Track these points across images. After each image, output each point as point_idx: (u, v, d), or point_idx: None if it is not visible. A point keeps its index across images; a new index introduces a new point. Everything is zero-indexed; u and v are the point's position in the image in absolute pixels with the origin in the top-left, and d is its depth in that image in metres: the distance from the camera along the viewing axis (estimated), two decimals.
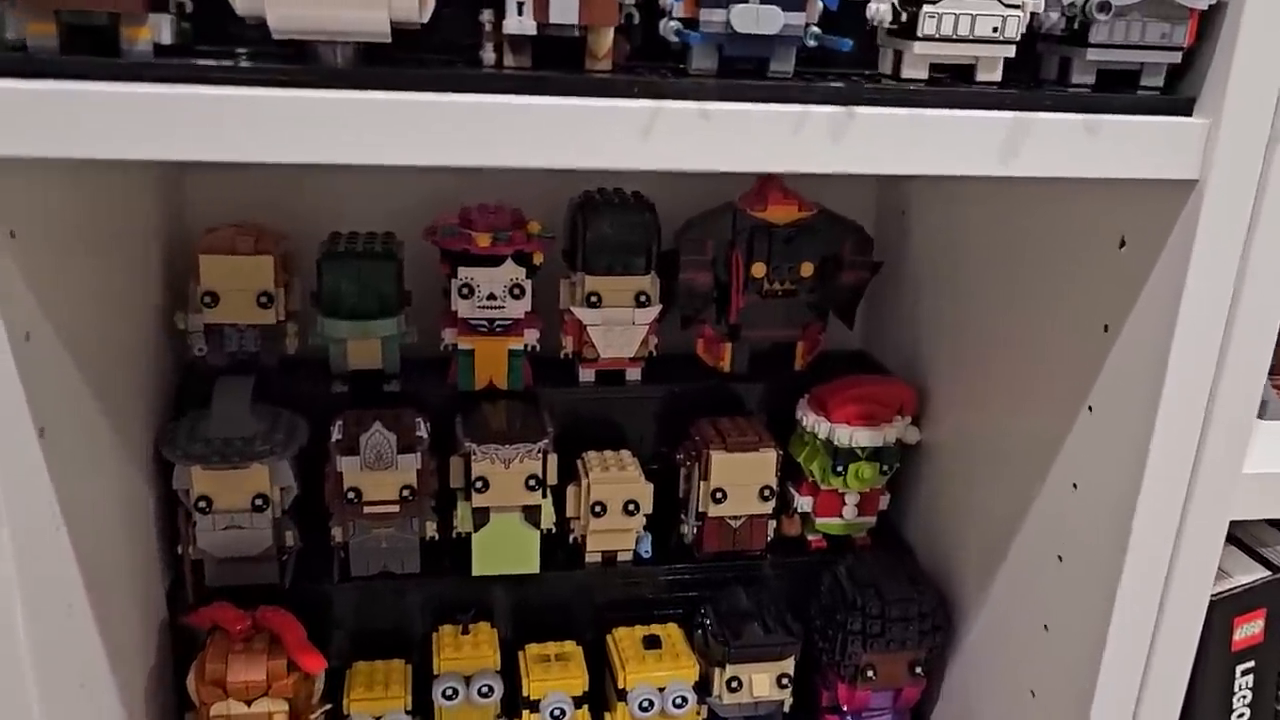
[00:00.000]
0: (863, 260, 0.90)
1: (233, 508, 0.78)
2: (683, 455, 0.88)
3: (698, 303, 0.89)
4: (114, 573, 0.69)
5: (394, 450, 0.78)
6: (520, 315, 0.84)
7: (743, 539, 0.87)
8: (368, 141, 0.50)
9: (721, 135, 0.52)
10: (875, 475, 0.87)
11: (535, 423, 0.83)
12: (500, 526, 0.82)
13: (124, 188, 0.74)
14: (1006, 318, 0.77)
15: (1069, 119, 0.55)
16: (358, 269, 0.80)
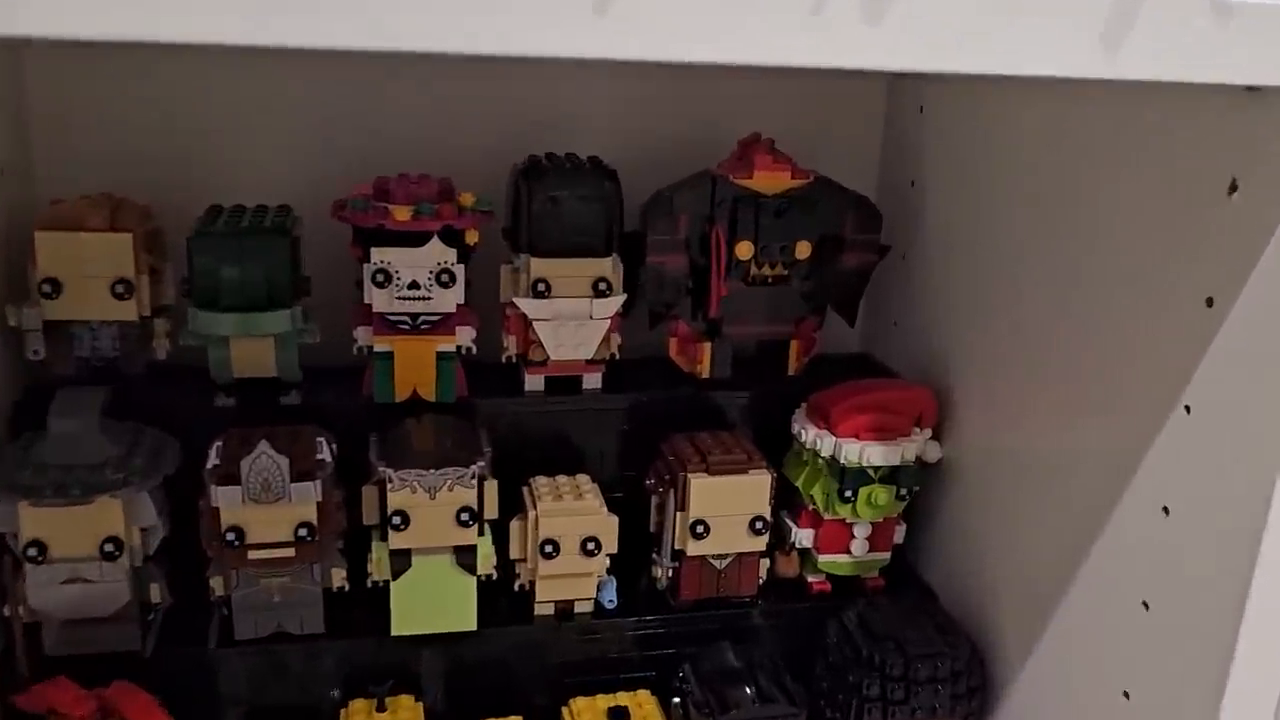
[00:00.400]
0: (868, 239, 0.75)
1: (76, 555, 0.61)
2: (654, 480, 0.72)
3: (669, 293, 0.74)
4: None
5: (286, 478, 0.61)
6: (451, 309, 0.69)
7: (729, 583, 0.71)
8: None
9: (708, 8, 0.36)
10: (891, 501, 0.71)
11: (470, 442, 0.68)
12: (426, 573, 0.66)
13: None
14: (1061, 296, 0.61)
15: None
16: (239, 248, 0.63)
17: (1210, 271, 0.50)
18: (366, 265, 0.67)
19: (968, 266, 0.72)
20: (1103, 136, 0.58)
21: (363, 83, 0.75)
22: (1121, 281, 0.56)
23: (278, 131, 0.75)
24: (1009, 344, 0.67)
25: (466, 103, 0.77)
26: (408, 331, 0.69)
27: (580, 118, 0.79)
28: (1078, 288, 0.60)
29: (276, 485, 0.61)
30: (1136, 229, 0.55)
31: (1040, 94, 0.63)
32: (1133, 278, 0.55)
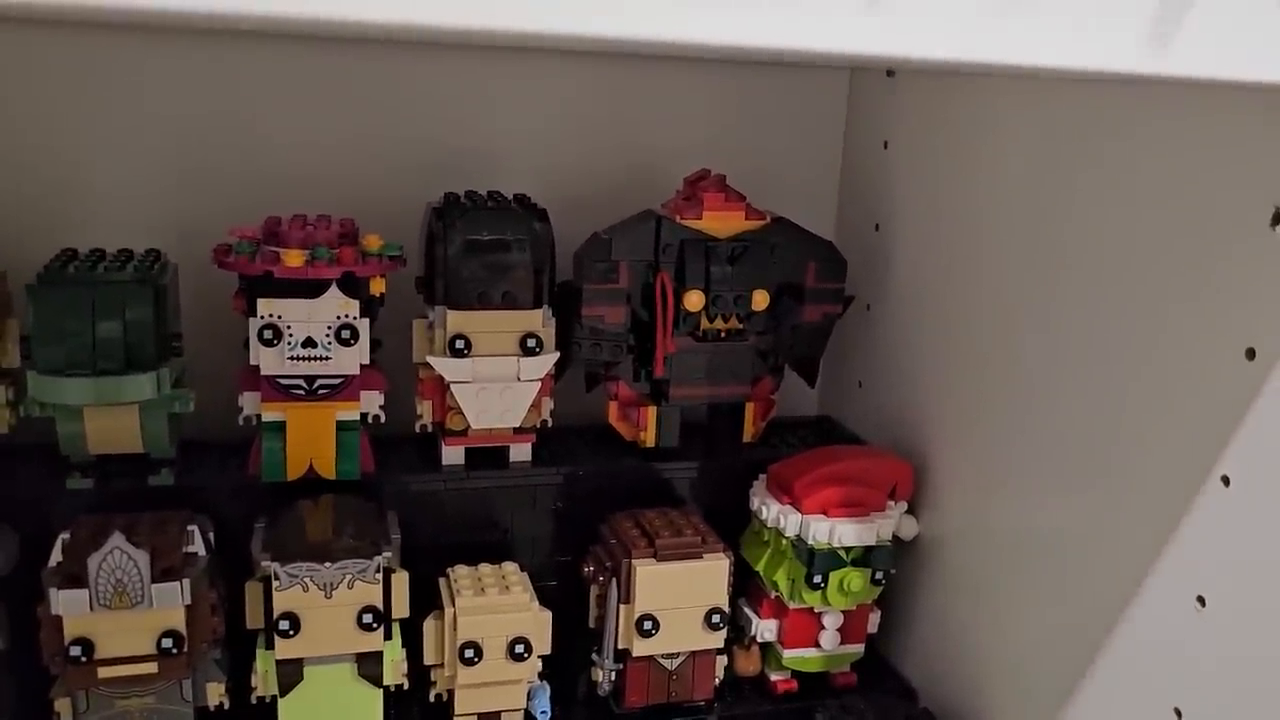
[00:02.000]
0: (832, 289, 0.66)
1: None
2: (593, 568, 0.62)
3: (608, 350, 0.65)
4: None
5: (145, 577, 0.51)
6: (353, 370, 0.60)
7: (682, 686, 0.62)
8: None
9: None
10: (865, 587, 0.62)
11: (375, 528, 0.58)
12: (322, 686, 0.57)
13: None
14: (1060, 351, 0.53)
15: None
16: (90, 299, 0.52)
17: (1251, 318, 0.43)
18: (253, 320, 0.57)
19: (943, 319, 0.64)
20: (1112, 164, 0.50)
21: (251, 104, 0.65)
22: (1138, 332, 0.48)
23: (147, 162, 0.64)
24: (995, 406, 0.59)
25: (373, 132, 0.67)
26: (303, 397, 0.59)
27: (504, 151, 0.70)
28: (1082, 340, 0.52)
29: (134, 587, 0.50)
30: (1158, 271, 0.47)
31: (1028, 120, 0.56)
32: (1152, 327, 0.48)
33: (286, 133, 0.66)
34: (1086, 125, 0.52)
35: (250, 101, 0.65)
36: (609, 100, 0.71)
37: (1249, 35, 0.32)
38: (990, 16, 0.30)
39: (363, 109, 0.67)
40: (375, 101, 0.67)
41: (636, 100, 0.71)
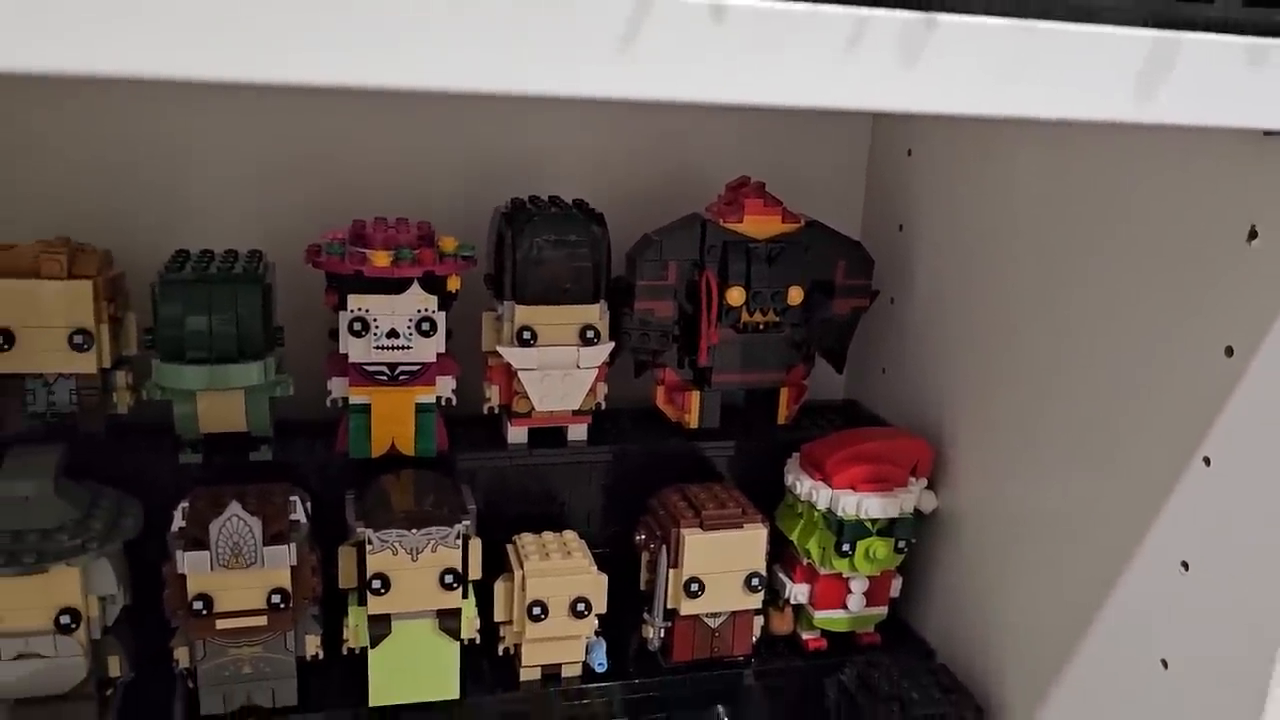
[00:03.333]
0: (860, 285, 0.73)
1: (29, 629, 0.57)
2: (644, 536, 0.69)
3: (656, 340, 0.71)
4: None
5: (258, 541, 0.58)
6: (430, 358, 0.67)
7: (723, 642, 0.69)
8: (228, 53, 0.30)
9: (735, 48, 0.34)
10: (889, 555, 0.69)
11: (452, 499, 0.65)
12: (407, 638, 0.63)
13: None
14: (1064, 344, 0.60)
15: (1219, 42, 0.38)
16: (208, 297, 0.60)
17: (1229, 320, 0.49)
18: (343, 313, 0.64)
19: (960, 312, 0.71)
20: (1110, 182, 0.56)
21: (337, 121, 0.72)
22: (1132, 329, 0.55)
23: (248, 172, 0.71)
24: (1006, 391, 0.66)
25: (445, 143, 0.74)
26: (385, 382, 0.65)
27: (562, 159, 0.76)
28: (1084, 335, 0.58)
29: (248, 550, 0.58)
30: (1149, 276, 0.54)
31: (1039, 137, 0.62)
32: (1145, 326, 0.54)
33: (369, 143, 0.73)
34: (1091, 150, 0.58)
35: (335, 117, 0.72)
36: (654, 113, 0.77)
37: (1219, 88, 0.39)
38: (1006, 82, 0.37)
39: (437, 122, 0.74)
40: (448, 115, 0.74)
41: (679, 112, 0.77)
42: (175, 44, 0.28)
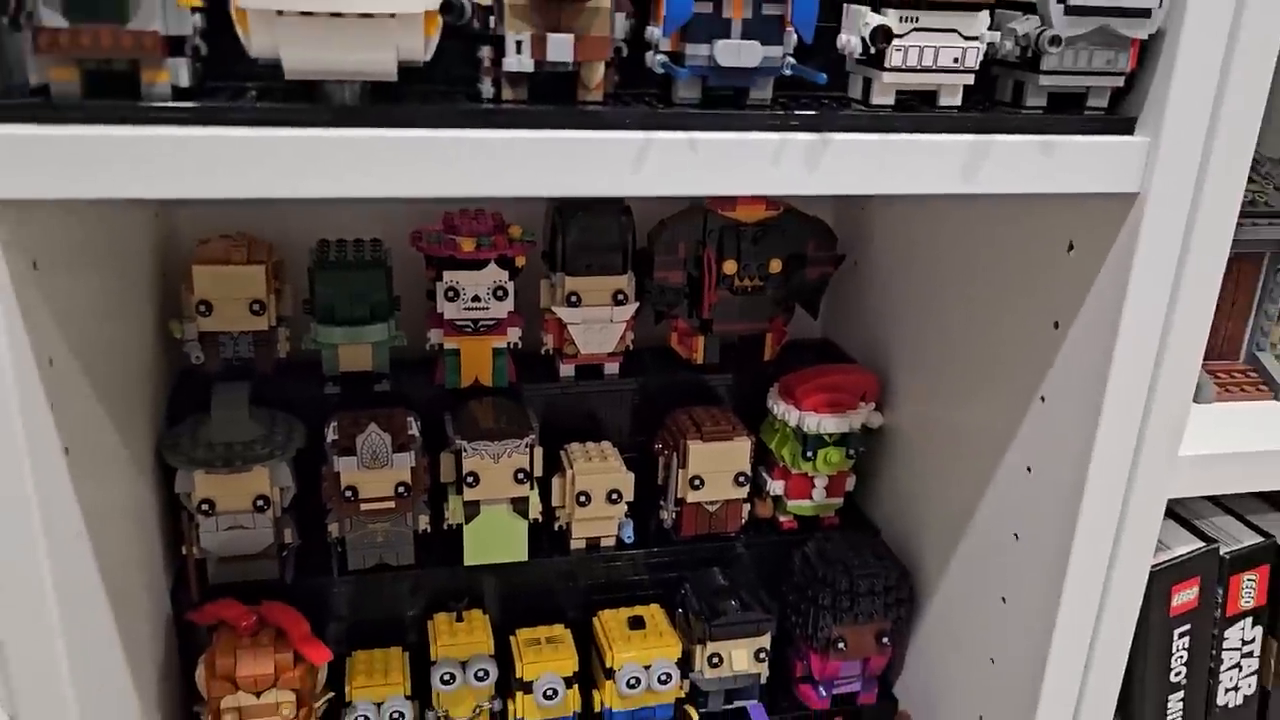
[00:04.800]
0: (827, 255, 0.94)
1: (235, 509, 0.81)
2: (660, 445, 0.92)
3: (671, 299, 0.93)
4: (125, 574, 0.72)
5: (389, 450, 0.82)
6: (503, 315, 0.87)
7: (719, 522, 0.92)
8: (376, 176, 0.53)
9: (707, 163, 0.56)
10: (842, 459, 0.92)
11: (521, 418, 0.87)
12: (490, 518, 0.86)
13: (124, 206, 0.76)
14: (963, 312, 0.82)
15: (1024, 140, 0.60)
16: (350, 278, 0.83)
17: (1057, 303, 0.71)
18: (439, 284, 0.86)
19: (902, 277, 0.93)
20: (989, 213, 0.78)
21: None
22: (999, 307, 0.77)
23: None
24: (932, 341, 0.88)
25: None
26: (470, 333, 0.88)
27: None
28: (972, 307, 0.81)
29: (383, 455, 0.82)
30: (1009, 271, 0.76)
31: None
32: (1006, 305, 0.76)
33: None
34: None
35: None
36: None
37: (1018, 168, 0.60)
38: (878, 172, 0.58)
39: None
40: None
41: None
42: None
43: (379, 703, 0.84)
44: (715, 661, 0.88)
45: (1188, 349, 0.67)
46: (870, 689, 0.94)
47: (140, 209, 0.81)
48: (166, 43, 0.51)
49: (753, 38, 0.56)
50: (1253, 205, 0.78)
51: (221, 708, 0.79)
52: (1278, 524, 0.82)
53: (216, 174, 0.51)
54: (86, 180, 0.50)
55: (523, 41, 0.54)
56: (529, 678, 0.86)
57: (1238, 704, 0.83)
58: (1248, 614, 0.80)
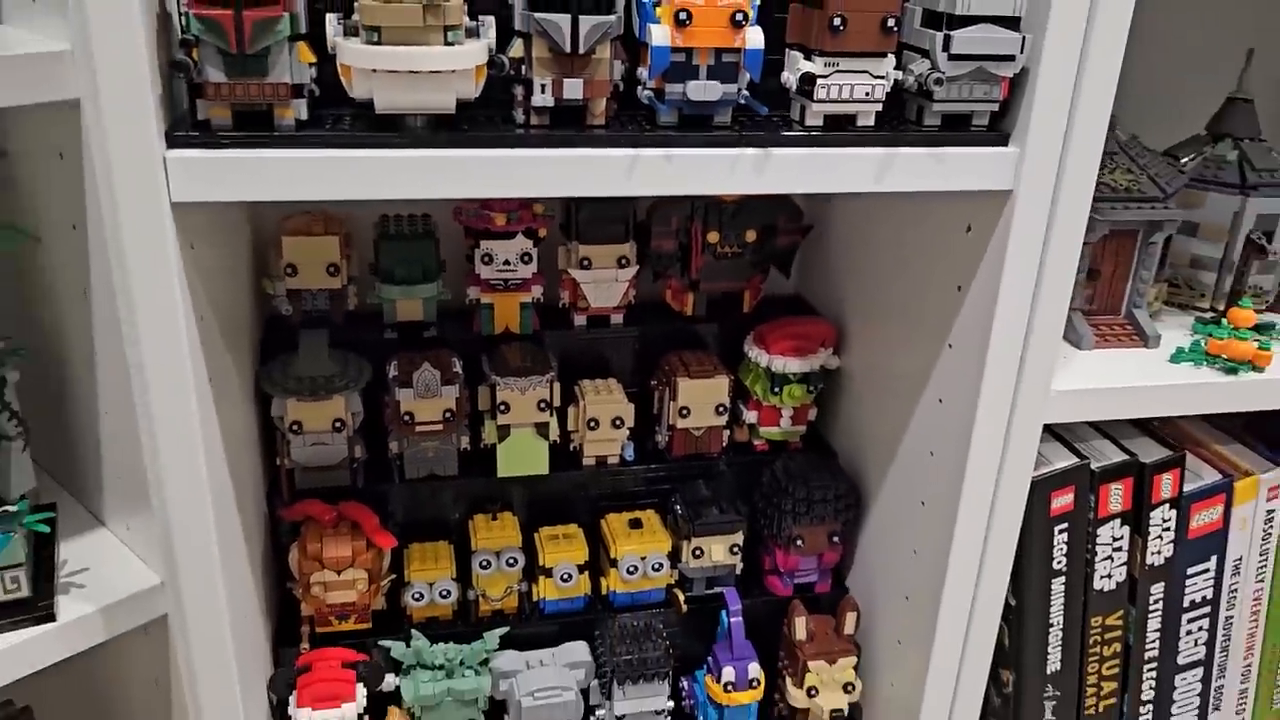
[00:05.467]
0: (795, 226, 1.14)
1: (317, 430, 1.02)
2: (656, 382, 1.14)
3: (666, 263, 1.13)
4: (242, 478, 0.94)
5: (439, 383, 1.03)
6: (528, 276, 1.05)
7: (703, 444, 1.13)
8: (440, 183, 0.74)
9: (680, 171, 0.76)
10: (804, 394, 1.13)
11: (542, 359, 1.08)
12: (518, 438, 1.05)
13: None
14: (895, 277, 1.03)
15: (921, 151, 0.80)
16: (406, 246, 1.04)
17: (960, 271, 0.91)
18: (476, 250, 1.06)
19: (854, 247, 1.13)
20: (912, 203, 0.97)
21: None
22: (920, 273, 0.97)
23: None
24: (874, 299, 1.09)
25: None
26: (502, 290, 1.07)
27: None
28: (902, 274, 1.01)
29: (434, 387, 1.03)
30: (927, 247, 0.96)
31: None
32: (926, 272, 0.96)
33: None
34: None
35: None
36: None
37: (917, 172, 0.80)
38: (811, 173, 0.78)
39: None
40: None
41: None
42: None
43: (431, 583, 1.07)
44: (698, 554, 1.10)
45: (1054, 305, 0.87)
46: (825, 580, 1.16)
47: None
48: (292, 89, 0.72)
49: (715, 79, 0.76)
50: (1128, 192, 0.98)
51: (310, 582, 1.02)
52: (1143, 446, 1.03)
53: (326, 182, 0.72)
54: (238, 188, 0.71)
55: (546, 84, 0.74)
56: (549, 564, 1.08)
57: (1111, 589, 1.04)
58: (1116, 516, 1.01)
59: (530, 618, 1.10)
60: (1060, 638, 1.04)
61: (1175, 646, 1.09)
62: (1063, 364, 0.95)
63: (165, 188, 0.70)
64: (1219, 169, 1.05)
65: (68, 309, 0.87)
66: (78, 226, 0.80)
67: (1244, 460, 1.07)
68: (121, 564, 0.91)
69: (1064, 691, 1.06)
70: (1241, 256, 1.04)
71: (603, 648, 1.08)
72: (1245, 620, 1.12)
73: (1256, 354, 0.95)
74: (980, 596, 0.98)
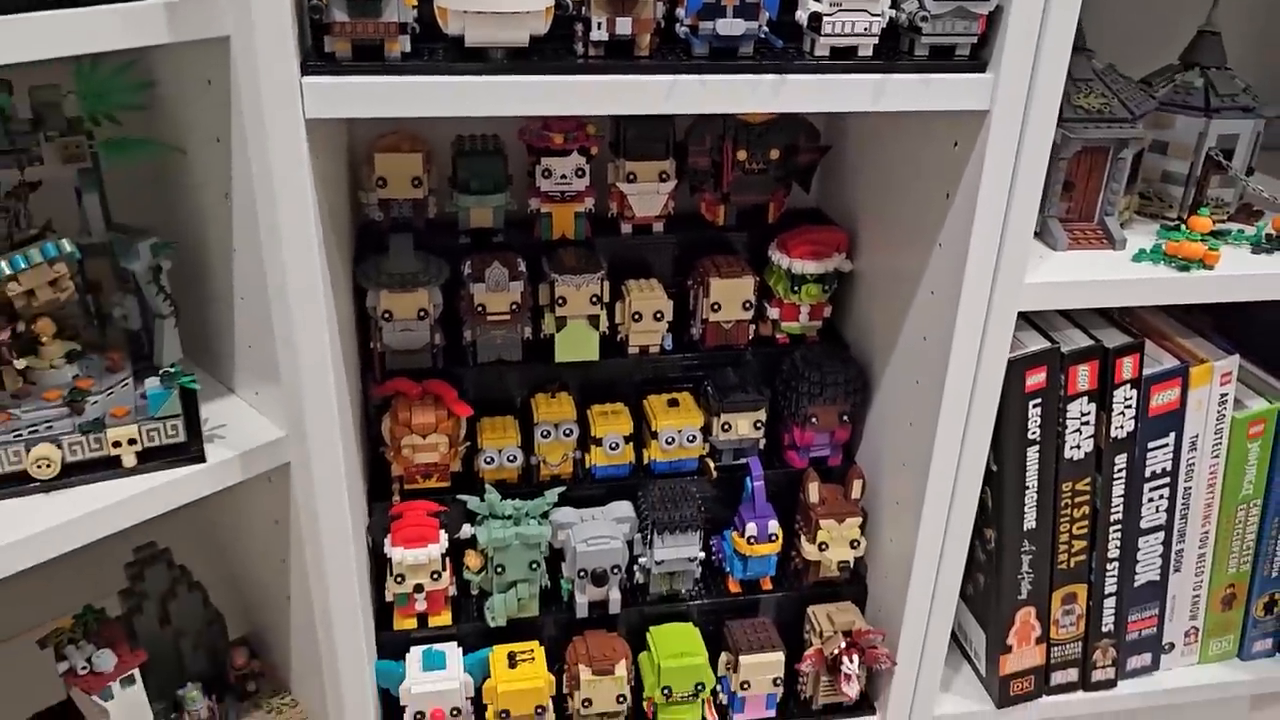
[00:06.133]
0: (813, 146, 1.31)
1: (406, 318, 1.21)
2: (691, 281, 1.31)
3: (701, 178, 1.29)
4: (348, 356, 1.14)
5: (507, 279, 1.21)
6: (582, 188, 1.19)
7: (732, 336, 1.30)
8: (518, 103, 0.91)
9: (711, 93, 0.93)
10: (820, 293, 1.30)
11: (594, 261, 1.26)
12: (574, 329, 1.21)
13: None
14: (896, 188, 1.19)
15: (912, 77, 0.96)
16: (478, 162, 1.22)
17: (948, 180, 1.07)
18: (537, 166, 1.24)
19: (865, 165, 1.29)
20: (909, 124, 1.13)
21: None
22: (915, 184, 1.14)
23: None
24: (879, 208, 1.25)
25: None
26: (559, 200, 1.24)
27: None
28: (900, 185, 1.18)
29: (502, 283, 1.21)
30: (921, 161, 1.12)
31: None
32: (919, 182, 1.13)
33: None
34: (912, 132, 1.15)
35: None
36: None
37: (908, 95, 0.96)
38: (820, 96, 0.95)
39: None
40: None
41: None
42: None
43: (500, 449, 1.26)
44: (726, 428, 1.29)
45: (1025, 207, 1.02)
46: (836, 454, 1.34)
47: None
48: (399, 26, 0.89)
49: (740, 17, 0.92)
50: (1100, 113, 1.13)
51: (401, 445, 1.22)
52: (1109, 334, 1.19)
53: (425, 101, 0.90)
54: (356, 107, 0.89)
55: (601, 22, 0.91)
56: (599, 435, 1.27)
57: (1080, 458, 1.21)
58: (1084, 394, 1.18)
59: (583, 481, 1.30)
60: (1035, 500, 1.21)
61: (1138, 512, 1.26)
62: (1038, 262, 1.12)
63: (301, 106, 0.88)
64: (1187, 94, 1.20)
65: (209, 210, 1.06)
66: (221, 140, 0.99)
67: (1201, 350, 1.23)
68: (251, 422, 1.11)
69: (1039, 547, 1.24)
70: (1203, 172, 1.19)
71: (645, 506, 1.27)
72: (1202, 492, 1.29)
73: (1206, 253, 1.11)
74: (964, 462, 1.16)
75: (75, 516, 0.96)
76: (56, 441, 0.98)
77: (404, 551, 1.19)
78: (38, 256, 0.95)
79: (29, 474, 0.97)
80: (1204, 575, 1.35)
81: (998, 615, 1.27)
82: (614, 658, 1.23)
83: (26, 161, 0.99)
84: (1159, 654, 1.37)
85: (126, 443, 1.00)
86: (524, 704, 1.21)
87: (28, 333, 1.00)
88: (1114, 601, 1.30)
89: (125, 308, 1.07)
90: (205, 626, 1.28)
